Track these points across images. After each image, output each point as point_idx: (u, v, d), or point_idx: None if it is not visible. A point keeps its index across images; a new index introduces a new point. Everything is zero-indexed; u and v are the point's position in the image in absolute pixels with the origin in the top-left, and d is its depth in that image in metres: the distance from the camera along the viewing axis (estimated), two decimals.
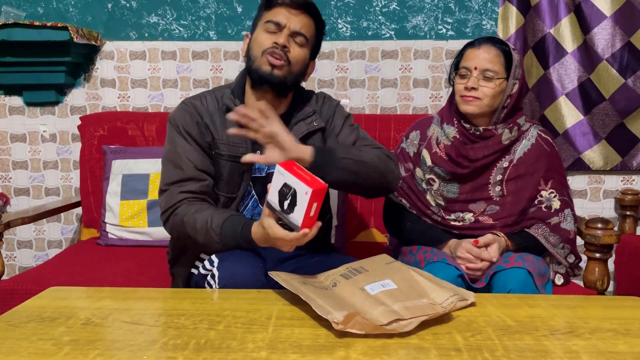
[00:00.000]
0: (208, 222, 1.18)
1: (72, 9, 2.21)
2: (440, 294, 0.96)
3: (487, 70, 1.39)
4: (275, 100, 1.33)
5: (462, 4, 2.15)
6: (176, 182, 1.26)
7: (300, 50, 1.30)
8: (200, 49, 2.22)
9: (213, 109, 1.33)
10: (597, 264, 1.48)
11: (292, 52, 1.28)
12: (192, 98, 1.36)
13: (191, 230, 1.21)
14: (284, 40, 1.26)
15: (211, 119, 1.32)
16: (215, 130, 1.31)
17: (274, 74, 1.27)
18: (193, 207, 1.23)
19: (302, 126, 1.35)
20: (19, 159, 2.31)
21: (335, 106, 1.43)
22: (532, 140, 1.48)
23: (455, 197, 1.48)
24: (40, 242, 2.36)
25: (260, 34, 1.29)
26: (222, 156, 1.31)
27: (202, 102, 1.34)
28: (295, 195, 0.97)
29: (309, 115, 1.36)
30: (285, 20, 1.27)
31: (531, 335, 0.86)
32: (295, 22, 1.27)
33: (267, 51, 1.26)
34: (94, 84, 2.26)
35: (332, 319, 0.84)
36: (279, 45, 1.26)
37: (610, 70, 2.04)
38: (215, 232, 1.17)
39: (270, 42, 1.27)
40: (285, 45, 1.26)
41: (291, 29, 1.27)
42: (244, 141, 1.30)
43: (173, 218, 1.25)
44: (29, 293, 1.17)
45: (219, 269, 1.19)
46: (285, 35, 1.27)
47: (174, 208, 1.25)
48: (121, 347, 0.80)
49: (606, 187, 2.22)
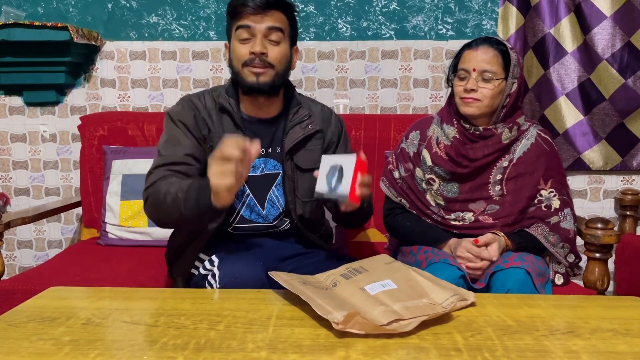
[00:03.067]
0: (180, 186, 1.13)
1: (72, 9, 2.21)
2: (440, 294, 0.96)
3: (486, 72, 1.39)
4: (268, 101, 1.33)
5: (462, 4, 2.15)
6: (163, 165, 1.24)
7: (279, 48, 1.28)
8: (200, 49, 2.22)
9: (210, 106, 1.34)
10: (597, 264, 1.48)
11: (271, 54, 1.27)
12: (191, 95, 1.38)
13: (163, 196, 1.15)
14: (260, 47, 1.24)
15: (208, 115, 1.33)
16: (212, 125, 1.32)
17: (260, 82, 1.27)
18: (172, 178, 1.20)
19: (297, 130, 1.35)
20: (19, 159, 2.31)
21: (341, 127, 1.47)
22: (531, 139, 1.48)
23: (455, 197, 1.48)
24: (40, 242, 2.36)
25: (235, 44, 1.28)
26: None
27: (200, 99, 1.36)
28: (342, 170, 1.11)
29: (304, 119, 1.37)
30: (254, 23, 1.25)
31: (531, 335, 0.86)
32: (265, 21, 1.25)
33: (247, 62, 1.26)
34: (94, 84, 2.26)
35: (332, 319, 0.84)
36: (257, 54, 1.25)
37: (610, 70, 2.04)
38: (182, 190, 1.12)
39: (247, 52, 1.26)
40: (262, 52, 1.25)
41: (263, 30, 1.25)
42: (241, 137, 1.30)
43: (151, 189, 1.20)
44: (29, 293, 1.17)
45: (219, 269, 1.19)
46: (260, 40, 1.25)
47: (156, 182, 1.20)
48: (121, 347, 0.80)
49: (606, 187, 2.22)
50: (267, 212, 1.35)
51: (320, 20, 2.18)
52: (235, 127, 1.32)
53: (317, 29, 2.19)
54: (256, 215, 1.35)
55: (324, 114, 1.45)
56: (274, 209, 1.36)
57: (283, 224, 1.39)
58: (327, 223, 1.54)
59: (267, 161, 1.36)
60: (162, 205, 1.16)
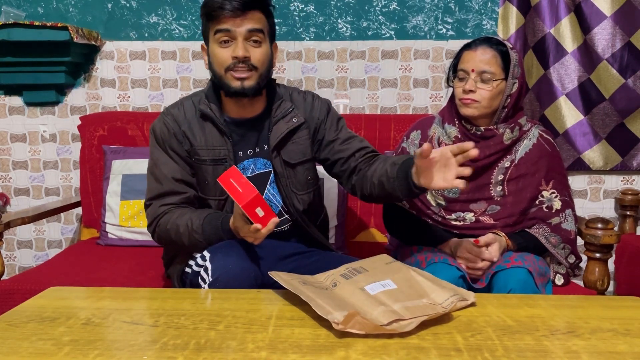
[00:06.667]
0: (189, 226, 1.23)
1: (72, 9, 2.21)
2: (440, 294, 0.96)
3: (485, 72, 1.38)
4: (251, 101, 1.32)
5: (462, 4, 2.15)
6: (157, 197, 1.31)
7: (261, 49, 1.26)
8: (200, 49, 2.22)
9: (191, 115, 1.33)
10: (597, 264, 1.48)
11: (254, 57, 1.24)
12: (171, 107, 1.37)
13: (175, 236, 1.26)
14: (242, 51, 1.22)
15: (189, 126, 1.32)
16: (194, 137, 1.31)
17: (245, 86, 1.25)
18: (174, 214, 1.27)
19: (281, 125, 1.33)
20: (19, 159, 2.31)
21: (327, 107, 1.42)
22: (533, 140, 1.47)
23: (456, 197, 1.48)
24: (40, 242, 2.36)
25: (215, 48, 1.25)
26: (203, 161, 1.32)
27: (180, 109, 1.35)
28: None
29: (287, 112, 1.35)
30: (234, 27, 1.22)
31: (531, 335, 0.86)
32: (245, 24, 1.22)
33: (230, 67, 1.24)
34: (94, 84, 2.26)
35: (332, 319, 0.84)
36: (240, 58, 1.22)
37: (611, 70, 2.04)
38: (197, 232, 1.23)
39: (229, 56, 1.23)
40: (245, 56, 1.22)
41: (244, 33, 1.22)
42: (224, 144, 1.30)
43: (158, 229, 1.30)
44: (29, 293, 1.17)
45: (211, 262, 1.19)
46: (241, 44, 1.22)
47: (158, 219, 1.29)
48: (121, 347, 0.80)
49: (606, 187, 2.22)
50: None
51: (320, 20, 2.18)
52: (220, 133, 1.31)
53: (317, 29, 2.19)
54: None
55: (307, 101, 1.40)
56: (273, 207, 1.36)
57: (283, 224, 1.39)
58: (325, 210, 1.55)
59: (256, 161, 1.36)
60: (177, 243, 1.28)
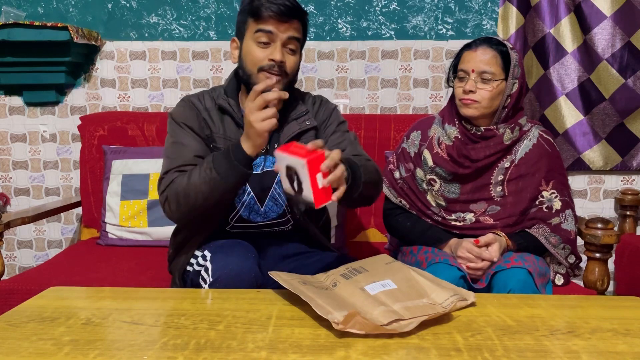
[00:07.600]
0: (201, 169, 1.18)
1: (72, 9, 2.21)
2: (440, 294, 0.96)
3: (485, 73, 1.38)
4: None
5: (462, 4, 2.15)
6: (174, 168, 1.26)
7: (295, 58, 1.27)
8: (200, 49, 2.22)
9: (210, 106, 1.35)
10: (597, 264, 1.48)
11: (288, 64, 1.25)
12: (191, 96, 1.38)
13: (186, 187, 1.19)
14: (280, 55, 1.22)
15: (209, 115, 1.33)
16: (213, 124, 1.33)
17: None
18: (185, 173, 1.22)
19: (294, 125, 1.35)
20: (19, 159, 2.31)
21: (331, 110, 1.43)
22: (533, 140, 1.47)
23: (456, 198, 1.48)
24: (40, 242, 2.36)
25: (251, 45, 1.25)
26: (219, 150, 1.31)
27: (200, 100, 1.36)
28: (297, 172, 0.99)
29: (301, 114, 1.37)
30: (277, 30, 1.22)
31: (531, 335, 0.86)
32: (287, 30, 1.23)
33: (264, 68, 1.23)
34: (94, 84, 2.26)
35: (332, 319, 0.84)
36: (276, 62, 1.23)
37: (610, 70, 2.04)
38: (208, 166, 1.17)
39: (265, 57, 1.23)
40: (282, 61, 1.23)
41: (284, 38, 1.23)
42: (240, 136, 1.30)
43: (169, 191, 1.22)
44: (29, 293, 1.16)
45: (212, 262, 1.19)
46: (279, 48, 1.23)
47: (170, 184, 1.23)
48: (121, 347, 0.80)
49: (606, 187, 2.22)
50: (268, 209, 1.35)
51: (320, 20, 2.18)
52: (237, 126, 1.32)
53: (317, 29, 2.19)
54: (255, 214, 1.35)
55: (315, 105, 1.42)
56: (277, 206, 1.36)
57: (285, 224, 1.39)
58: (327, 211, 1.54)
59: (267, 158, 1.36)
60: (188, 190, 1.19)
